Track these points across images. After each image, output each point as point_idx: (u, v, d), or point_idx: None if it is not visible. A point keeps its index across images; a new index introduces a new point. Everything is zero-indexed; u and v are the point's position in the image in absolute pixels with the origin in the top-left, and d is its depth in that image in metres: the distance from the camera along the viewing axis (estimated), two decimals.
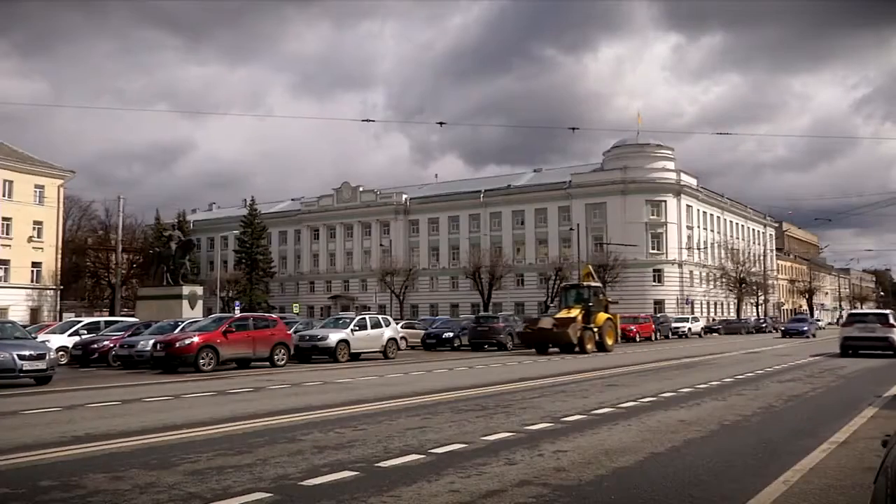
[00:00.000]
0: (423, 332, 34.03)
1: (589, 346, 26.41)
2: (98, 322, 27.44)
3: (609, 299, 31.77)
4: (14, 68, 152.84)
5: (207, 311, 39.77)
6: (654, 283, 65.56)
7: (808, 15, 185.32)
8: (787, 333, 45.31)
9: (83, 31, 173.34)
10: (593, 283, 30.93)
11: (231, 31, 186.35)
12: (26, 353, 14.92)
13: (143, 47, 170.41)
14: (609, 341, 28.15)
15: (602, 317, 28.51)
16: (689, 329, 49.83)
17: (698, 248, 70.17)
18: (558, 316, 28.33)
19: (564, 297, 30.52)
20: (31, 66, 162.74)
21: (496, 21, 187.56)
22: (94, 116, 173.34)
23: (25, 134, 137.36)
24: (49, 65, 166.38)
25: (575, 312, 27.41)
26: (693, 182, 71.98)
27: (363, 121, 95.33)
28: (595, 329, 27.49)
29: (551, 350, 27.01)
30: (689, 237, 69.17)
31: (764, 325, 61.71)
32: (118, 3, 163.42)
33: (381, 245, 76.64)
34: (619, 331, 31.37)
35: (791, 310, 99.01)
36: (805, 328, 46.36)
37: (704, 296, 70.98)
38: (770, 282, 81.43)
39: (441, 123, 30.93)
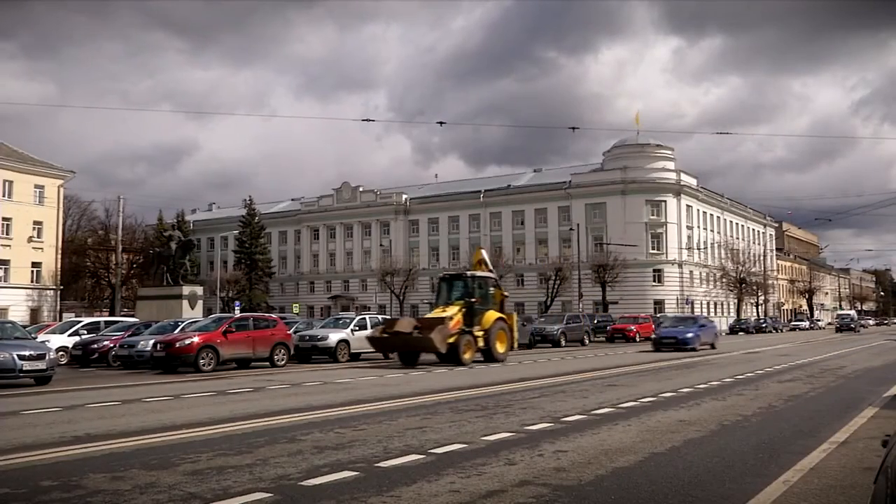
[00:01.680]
0: None
1: (467, 356, 20.23)
2: (98, 322, 27.45)
3: (504, 293, 24.49)
4: (21, 70, 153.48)
5: (207, 311, 39.76)
6: (654, 284, 65.53)
7: (806, 17, 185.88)
8: (660, 345, 28.13)
9: (89, 33, 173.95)
10: (480, 273, 23.59)
11: (235, 34, 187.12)
12: (26, 353, 14.92)
13: (148, 50, 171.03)
14: (500, 349, 21.81)
15: (491, 316, 21.89)
16: None
17: (698, 248, 70.17)
18: (427, 316, 23.22)
19: (443, 291, 23.01)
20: (37, 67, 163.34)
21: (498, 23, 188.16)
22: (99, 118, 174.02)
23: (30, 135, 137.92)
24: (55, 67, 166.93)
25: (451, 311, 21.03)
26: (693, 182, 71.96)
27: (364, 120, 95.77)
28: (479, 333, 21.19)
29: (425, 360, 21.06)
30: (689, 237, 69.15)
31: (764, 325, 61.82)
32: (124, 6, 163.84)
33: (381, 245, 76.62)
34: (516, 334, 24.02)
35: (791, 310, 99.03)
36: (689, 335, 27.97)
37: (705, 296, 70.96)
38: (770, 282, 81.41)
39: (441, 123, 31.07)
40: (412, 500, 5.13)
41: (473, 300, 21.68)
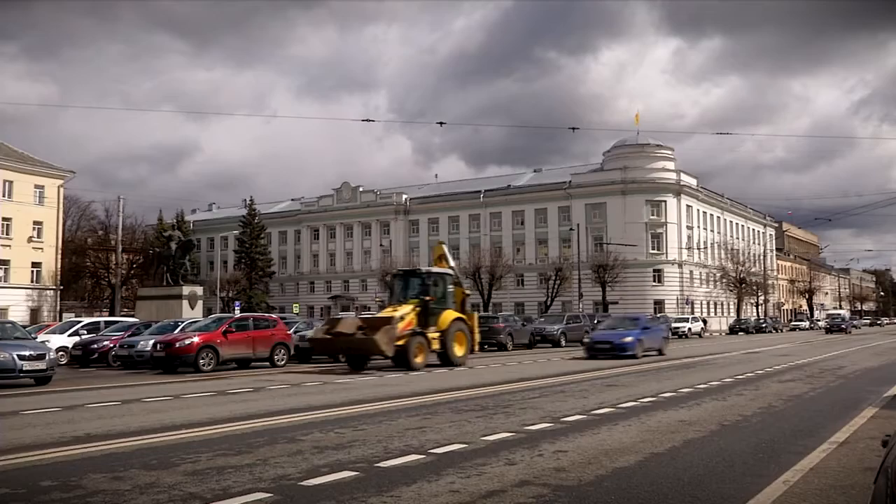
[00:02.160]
0: None
1: (418, 360, 18.54)
2: (98, 322, 27.44)
3: (466, 291, 22.61)
4: (23, 71, 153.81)
5: (207, 311, 39.78)
6: (654, 284, 65.55)
7: (805, 19, 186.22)
8: (593, 351, 22.81)
9: (91, 35, 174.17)
10: (437, 269, 21.99)
11: (237, 35, 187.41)
12: (26, 353, 14.92)
13: (150, 51, 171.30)
14: (458, 351, 20.11)
15: (448, 316, 20.17)
16: (689, 329, 49.81)
17: (698, 248, 70.19)
18: (376, 315, 22.06)
19: (396, 289, 21.38)
20: (39, 68, 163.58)
21: (498, 24, 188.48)
22: (100, 118, 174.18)
23: (32, 135, 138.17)
24: (57, 68, 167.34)
25: (404, 310, 19.30)
26: (693, 182, 71.99)
27: (364, 121, 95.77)
28: (435, 335, 19.58)
29: (378, 363, 19.76)
30: (689, 237, 69.18)
31: (764, 326, 61.73)
32: (126, 8, 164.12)
33: (381, 245, 76.68)
34: (476, 336, 22.10)
35: (791, 310, 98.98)
36: (627, 339, 22.45)
37: (705, 296, 70.98)
38: (770, 282, 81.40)
39: (441, 123, 31.04)
40: (412, 500, 5.13)
41: (428, 298, 19.96)
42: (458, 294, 21.96)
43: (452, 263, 23.42)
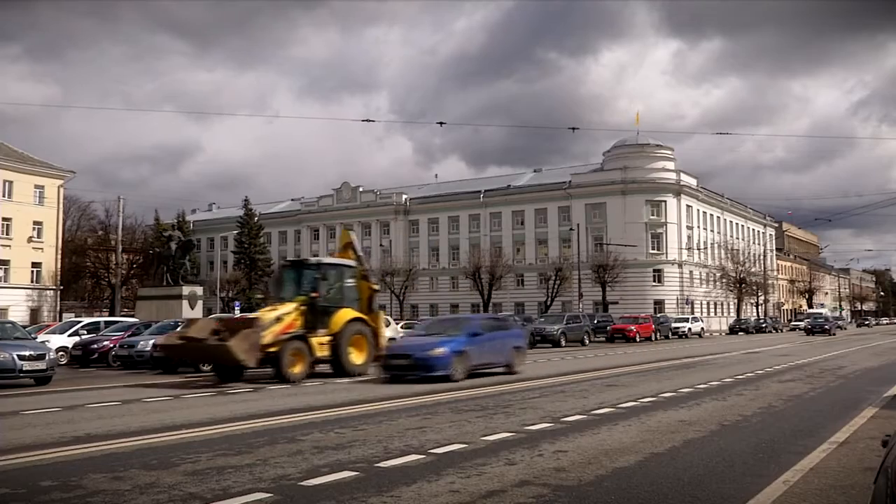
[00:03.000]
0: None
1: (296, 370, 15.21)
2: (98, 322, 27.43)
3: (374, 286, 19.46)
4: (26, 72, 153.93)
5: (207, 311, 39.80)
6: (654, 284, 65.51)
7: (805, 20, 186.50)
8: (391, 369, 15.24)
9: (94, 36, 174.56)
10: (330, 260, 19.25)
11: (239, 36, 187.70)
12: (26, 353, 14.93)
13: (152, 52, 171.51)
14: (357, 359, 16.75)
15: (342, 317, 16.82)
16: (689, 329, 49.79)
17: (698, 249, 70.15)
18: (244, 316, 19.42)
19: (284, 283, 18.10)
20: (43, 69, 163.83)
21: (499, 25, 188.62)
22: (102, 119, 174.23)
23: (34, 136, 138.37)
24: (59, 69, 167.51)
25: (283, 310, 16.07)
26: (693, 182, 71.95)
27: (364, 121, 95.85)
28: (324, 339, 16.31)
29: (254, 373, 16.14)
30: (689, 237, 69.14)
31: (764, 326, 61.68)
32: (128, 9, 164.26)
33: (381, 245, 76.59)
34: (383, 340, 18.19)
35: (791, 310, 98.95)
36: (439, 352, 14.55)
37: (705, 296, 70.96)
38: (770, 282, 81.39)
39: (441, 123, 31.11)
40: (412, 500, 5.13)
41: (314, 295, 16.55)
42: (364, 290, 18.63)
43: (360, 254, 20.20)
